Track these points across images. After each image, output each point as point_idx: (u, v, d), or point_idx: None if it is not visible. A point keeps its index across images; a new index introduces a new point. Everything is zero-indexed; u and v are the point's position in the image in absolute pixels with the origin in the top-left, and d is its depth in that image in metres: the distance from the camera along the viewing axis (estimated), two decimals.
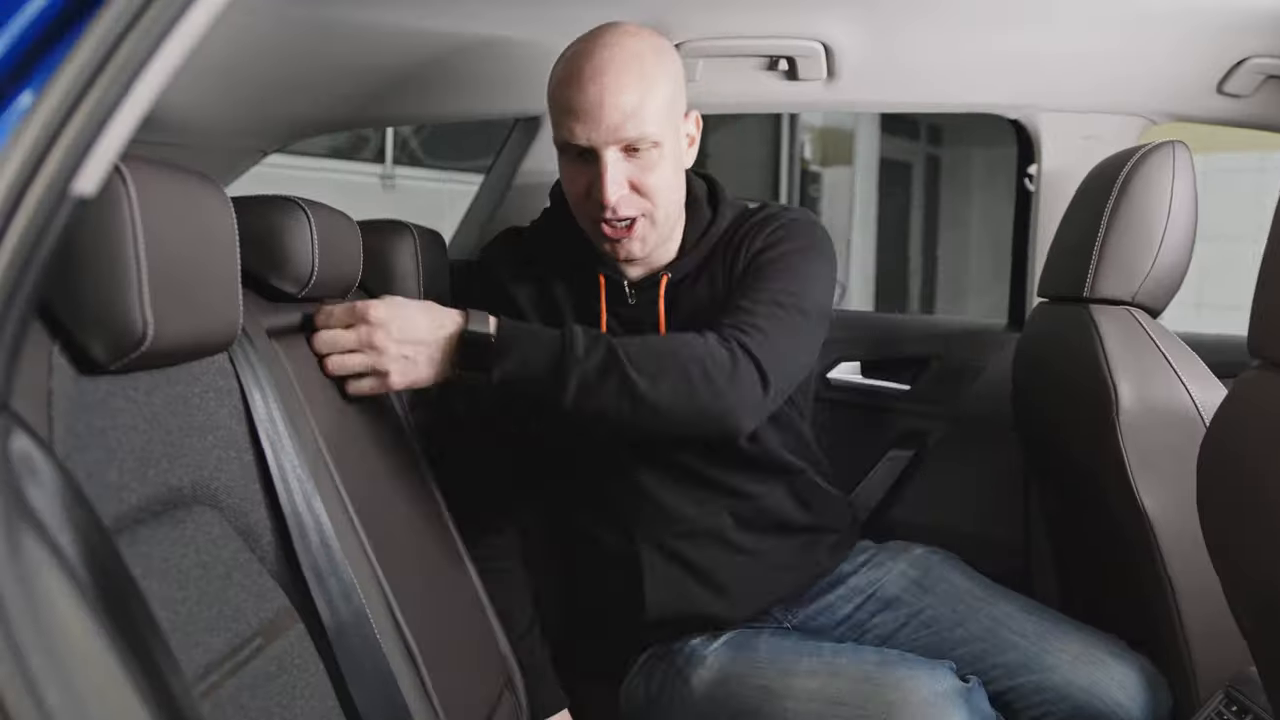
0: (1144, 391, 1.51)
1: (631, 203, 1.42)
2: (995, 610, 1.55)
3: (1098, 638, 1.52)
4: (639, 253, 1.47)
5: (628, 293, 1.53)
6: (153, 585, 0.80)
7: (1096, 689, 1.44)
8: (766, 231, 1.52)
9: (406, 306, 1.32)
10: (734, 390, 1.35)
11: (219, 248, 0.88)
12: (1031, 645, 1.49)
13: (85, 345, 0.75)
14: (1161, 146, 1.57)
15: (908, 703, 1.33)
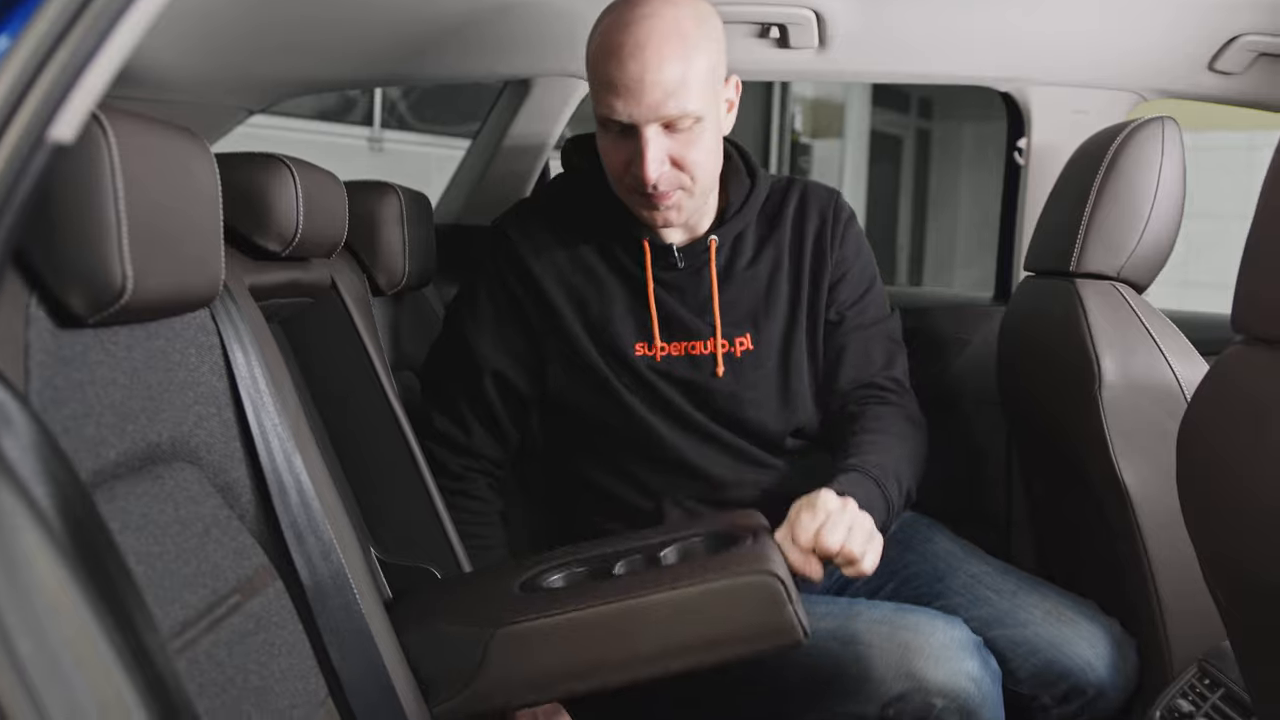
0: (1127, 367, 1.51)
1: (671, 179, 1.43)
2: (973, 569, 1.59)
3: (1070, 599, 1.54)
4: (676, 220, 1.49)
5: (676, 256, 1.54)
6: (130, 540, 0.79)
7: (1066, 645, 1.47)
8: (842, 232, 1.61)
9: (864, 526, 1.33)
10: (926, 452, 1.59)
11: (201, 202, 0.87)
12: (1005, 601, 1.52)
13: (63, 298, 0.75)
14: (1151, 122, 1.57)
15: (926, 645, 1.36)
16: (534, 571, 1.30)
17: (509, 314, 1.56)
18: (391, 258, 1.56)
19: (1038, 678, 1.47)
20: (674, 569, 1.25)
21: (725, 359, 1.54)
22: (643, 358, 1.53)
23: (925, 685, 1.34)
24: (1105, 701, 1.49)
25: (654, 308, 1.53)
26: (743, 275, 1.56)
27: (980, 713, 1.36)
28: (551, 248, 1.56)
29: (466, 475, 1.56)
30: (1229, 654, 1.40)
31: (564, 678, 1.20)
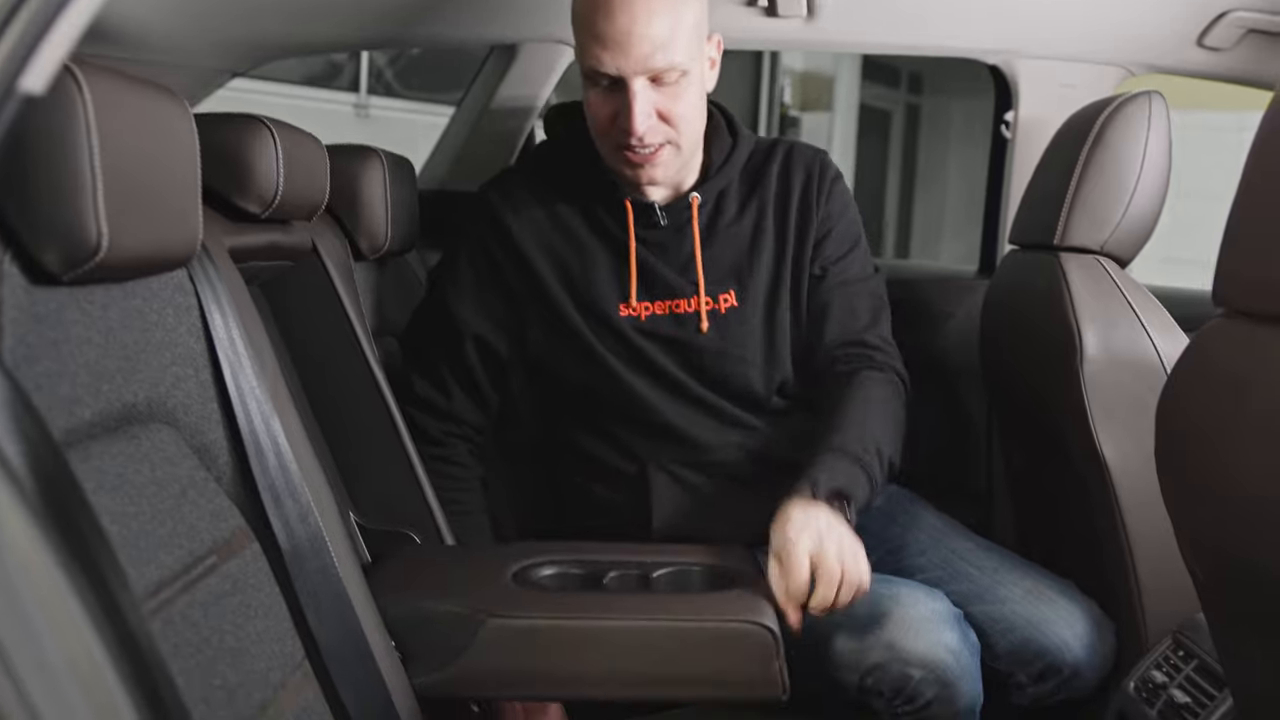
0: (1108, 340, 1.51)
1: (658, 131, 1.44)
2: (955, 544, 1.59)
3: (1050, 578, 1.55)
4: (660, 178, 1.50)
5: (659, 214, 1.54)
6: (105, 500, 0.79)
7: (1044, 624, 1.47)
8: (828, 190, 1.60)
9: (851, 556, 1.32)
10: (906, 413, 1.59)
11: (178, 159, 0.86)
12: (986, 578, 1.53)
13: (37, 254, 0.74)
14: (1138, 96, 1.57)
15: (905, 616, 1.36)
16: (527, 563, 1.31)
17: (490, 279, 1.56)
18: (374, 222, 1.55)
19: (1014, 655, 1.47)
20: (669, 600, 1.27)
21: (710, 316, 1.54)
22: (627, 318, 1.53)
23: (904, 656, 1.34)
24: (1081, 681, 1.49)
25: (634, 267, 1.53)
26: (726, 232, 1.56)
27: (958, 684, 1.36)
28: (533, 212, 1.56)
29: (447, 441, 1.56)
30: (1203, 626, 1.41)
31: (543, 681, 1.21)
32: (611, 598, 1.25)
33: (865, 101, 8.44)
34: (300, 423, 1.13)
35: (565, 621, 1.18)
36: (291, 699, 0.95)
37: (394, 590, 1.21)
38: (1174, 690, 1.38)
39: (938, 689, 1.36)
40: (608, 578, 1.29)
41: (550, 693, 1.32)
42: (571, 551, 1.34)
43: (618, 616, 1.20)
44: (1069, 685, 1.49)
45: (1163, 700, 1.39)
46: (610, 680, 1.19)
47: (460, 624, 1.17)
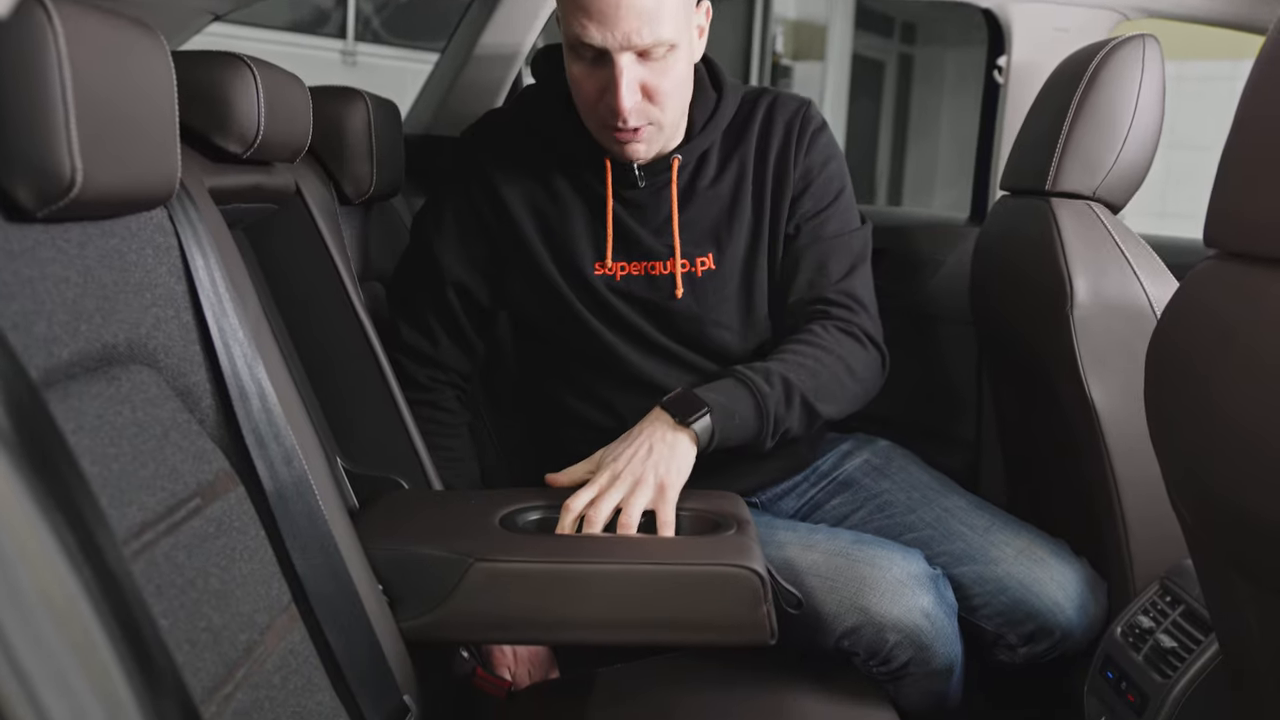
0: (1099, 286, 1.51)
1: (641, 112, 1.41)
2: (947, 502, 1.58)
3: (1042, 538, 1.54)
4: (643, 155, 1.47)
5: (637, 175, 1.51)
6: (84, 441, 0.78)
7: (1035, 585, 1.47)
8: (808, 142, 1.56)
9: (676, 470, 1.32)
10: (874, 379, 1.56)
11: (155, 94, 0.85)
12: (978, 537, 1.52)
13: (10, 189, 0.72)
14: (1132, 40, 1.55)
15: (880, 580, 1.36)
16: (514, 508, 1.30)
17: (472, 226, 1.55)
18: (358, 165, 1.53)
19: (1004, 616, 1.48)
20: (656, 543, 1.26)
21: (685, 279, 1.52)
22: (601, 276, 1.51)
23: (878, 620, 1.35)
24: (1072, 642, 1.50)
25: (610, 226, 1.50)
26: (705, 194, 1.53)
27: (934, 647, 1.37)
28: (516, 162, 1.53)
29: (434, 387, 1.56)
30: (1190, 572, 1.42)
31: (529, 625, 1.21)
32: (598, 541, 1.25)
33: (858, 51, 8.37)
34: (285, 366, 1.12)
35: (552, 565, 1.18)
36: (277, 641, 0.95)
37: (381, 534, 1.21)
38: (1160, 635, 1.39)
39: (913, 651, 1.36)
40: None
41: (537, 637, 1.33)
42: (559, 496, 1.33)
43: (605, 560, 1.19)
44: (1060, 646, 1.50)
45: (1149, 645, 1.40)
46: (597, 624, 1.19)
47: (447, 568, 1.17)
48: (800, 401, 1.44)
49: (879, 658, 1.37)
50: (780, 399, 1.42)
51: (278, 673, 0.93)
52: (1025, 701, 1.77)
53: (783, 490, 1.67)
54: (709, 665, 1.43)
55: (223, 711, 0.83)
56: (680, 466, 1.32)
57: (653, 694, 1.39)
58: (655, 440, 1.33)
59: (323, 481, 1.09)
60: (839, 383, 1.49)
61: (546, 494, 1.35)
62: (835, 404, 1.49)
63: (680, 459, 1.32)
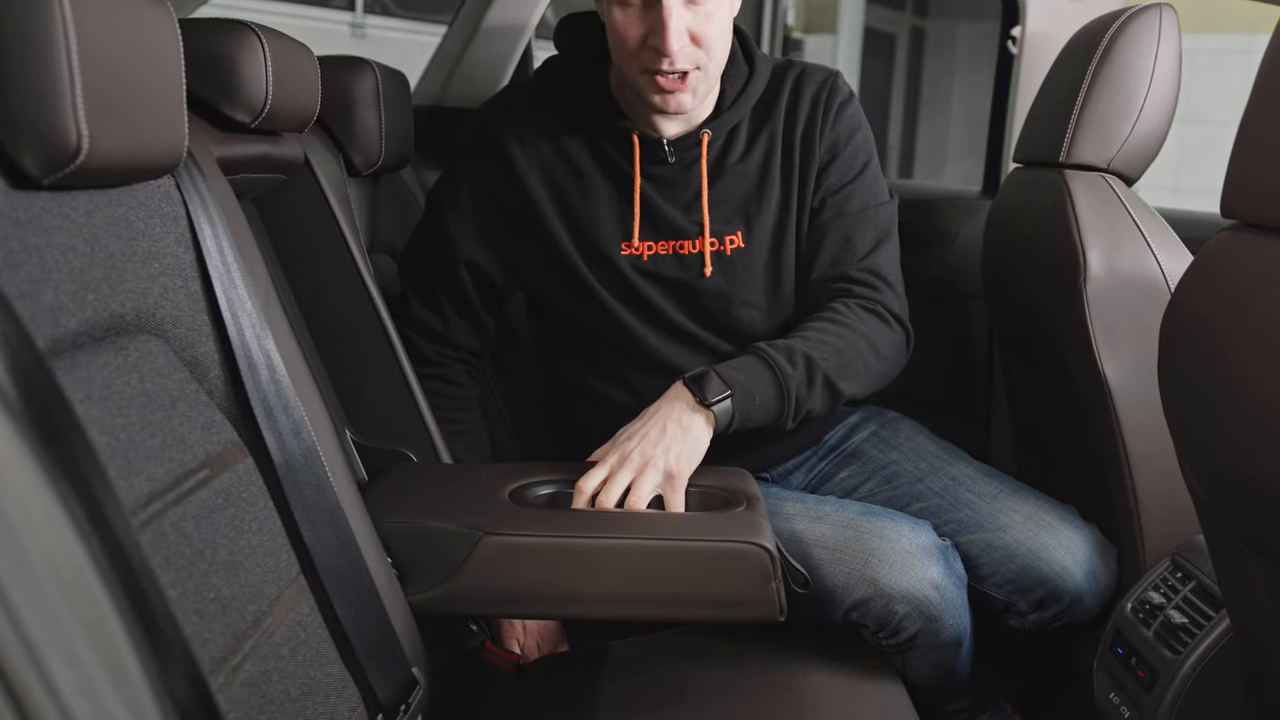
0: (1113, 259, 1.49)
1: (690, 55, 1.38)
2: (954, 470, 1.58)
3: (1050, 504, 1.54)
4: (689, 105, 1.43)
5: (667, 151, 1.49)
6: (92, 411, 0.78)
7: (1044, 552, 1.47)
8: (834, 115, 1.54)
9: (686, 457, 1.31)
10: (898, 357, 1.54)
11: (162, 61, 0.84)
12: (985, 505, 1.52)
13: (16, 156, 0.72)
14: (1148, 9, 1.53)
15: (889, 551, 1.36)
16: (524, 482, 1.30)
17: (489, 205, 1.52)
18: (367, 136, 1.52)
19: (1013, 583, 1.47)
20: (666, 519, 1.25)
21: (715, 258, 1.50)
22: (628, 257, 1.49)
23: (887, 592, 1.35)
24: (1082, 608, 1.49)
25: (638, 204, 1.48)
26: (734, 169, 1.51)
27: (943, 618, 1.37)
28: (536, 139, 1.50)
29: (443, 362, 1.55)
30: (1202, 547, 1.41)
31: (538, 599, 1.20)
32: (608, 516, 1.25)
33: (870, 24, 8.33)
34: (293, 337, 1.12)
35: (561, 539, 1.18)
36: (286, 612, 0.95)
37: (390, 507, 1.21)
38: (1171, 611, 1.38)
39: (922, 623, 1.36)
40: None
41: (546, 611, 1.33)
42: (569, 472, 1.33)
43: (614, 535, 1.19)
44: (1070, 612, 1.49)
45: (1159, 621, 1.39)
46: (606, 599, 1.19)
47: (456, 541, 1.17)
48: (823, 382, 1.42)
49: (888, 630, 1.37)
50: (803, 380, 1.40)
51: (286, 644, 0.93)
52: (1033, 677, 1.77)
53: (793, 465, 1.67)
54: (718, 639, 1.43)
55: (231, 682, 0.83)
56: (692, 453, 1.31)
57: (662, 668, 1.39)
58: (670, 422, 1.32)
59: (331, 453, 1.09)
60: (863, 361, 1.46)
61: (557, 469, 1.35)
62: (859, 383, 1.46)
63: (693, 444, 1.31)
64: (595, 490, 1.27)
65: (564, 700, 1.36)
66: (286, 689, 0.91)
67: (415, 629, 1.17)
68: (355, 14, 5.49)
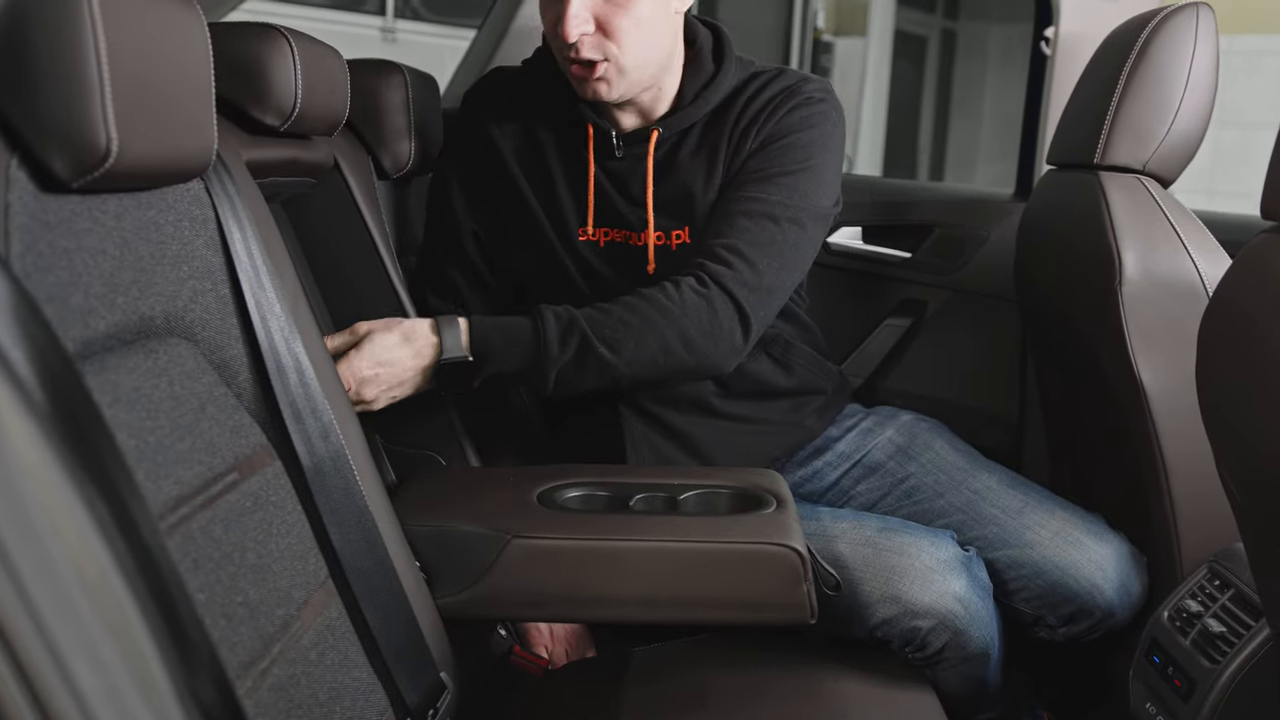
0: (1149, 262, 1.47)
1: (595, 45, 1.37)
2: (977, 483, 1.55)
3: (1078, 516, 1.51)
4: (605, 95, 1.42)
5: (615, 144, 1.49)
6: (121, 414, 0.77)
7: (1072, 569, 1.45)
8: (783, 113, 1.47)
9: (388, 345, 1.27)
10: (712, 344, 1.37)
11: (191, 63, 0.84)
12: (1011, 520, 1.49)
13: (45, 159, 0.72)
14: (1185, 8, 1.51)
15: (910, 568, 1.34)
16: (552, 485, 1.29)
17: (475, 184, 1.54)
18: (396, 139, 1.52)
19: (1042, 599, 1.46)
20: (695, 521, 1.24)
21: (659, 252, 1.49)
22: (585, 242, 1.50)
23: (911, 608, 1.33)
24: (1113, 621, 1.48)
25: (592, 192, 1.49)
26: (682, 168, 1.49)
27: (969, 630, 1.35)
28: (513, 122, 1.53)
29: None
30: (1240, 555, 1.39)
31: (566, 602, 1.20)
32: (637, 519, 1.24)
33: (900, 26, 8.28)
34: (321, 340, 1.12)
35: (590, 542, 1.17)
36: (314, 616, 0.95)
37: (418, 510, 1.20)
38: (1209, 620, 1.36)
39: (949, 636, 1.35)
40: (634, 500, 1.28)
41: (573, 614, 1.32)
42: (598, 474, 1.32)
43: (643, 538, 1.18)
44: (1101, 625, 1.48)
45: (1197, 629, 1.37)
46: (635, 602, 1.18)
47: (484, 544, 1.17)
48: (597, 369, 1.33)
49: (914, 645, 1.36)
50: (570, 361, 1.33)
51: (314, 648, 0.93)
52: (1069, 685, 1.75)
53: (803, 477, 1.64)
54: (746, 645, 1.42)
55: (259, 687, 0.83)
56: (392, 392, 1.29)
57: (688, 674, 1.39)
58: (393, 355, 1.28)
59: (360, 457, 1.08)
60: (663, 351, 1.35)
61: (586, 471, 1.34)
62: (641, 356, 1.34)
63: (399, 386, 1.29)
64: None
65: (591, 705, 1.35)
66: (314, 693, 0.91)
67: (443, 633, 1.16)
68: (386, 18, 5.52)
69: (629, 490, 1.29)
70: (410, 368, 1.29)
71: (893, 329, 2.12)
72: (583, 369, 1.33)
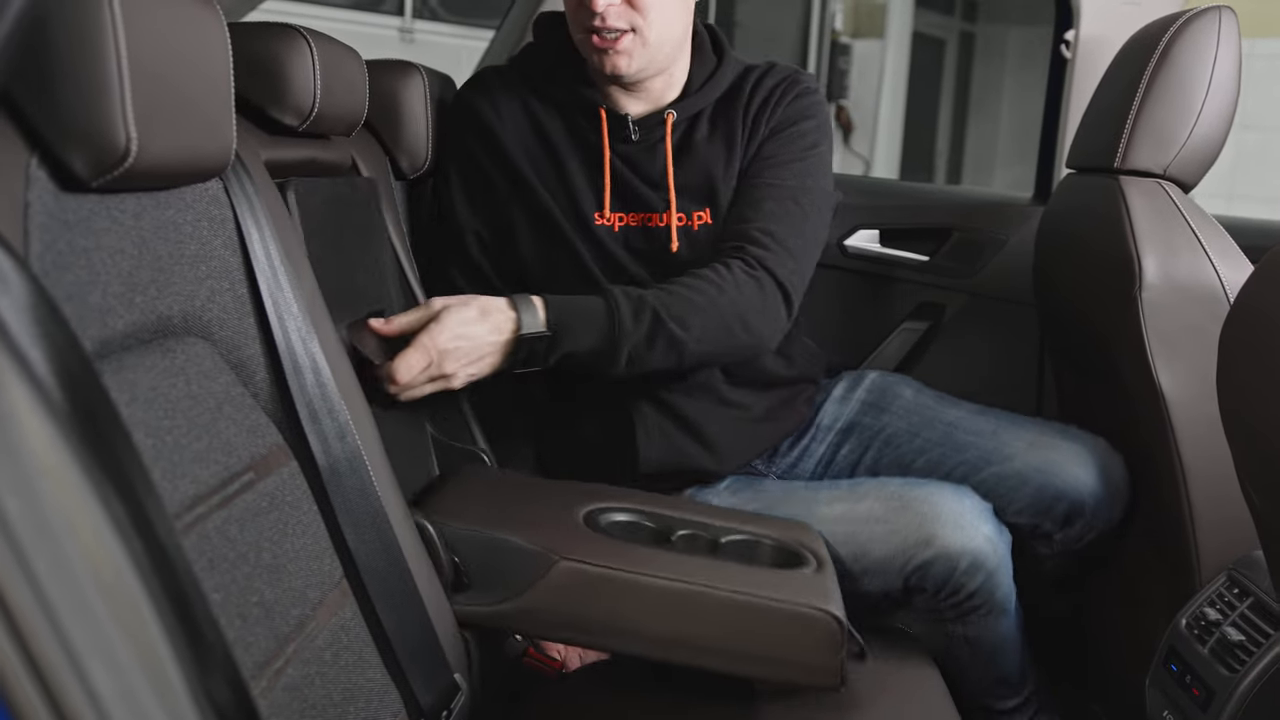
0: (1169, 267, 1.47)
1: (622, 14, 1.41)
2: (949, 416, 1.62)
3: (1048, 425, 1.59)
4: (625, 68, 1.45)
5: (631, 128, 1.52)
6: (138, 413, 0.78)
7: (1052, 468, 1.51)
8: (789, 100, 1.54)
9: (465, 319, 1.30)
10: (765, 324, 1.46)
11: (210, 63, 0.84)
12: (986, 441, 1.56)
13: (65, 158, 0.72)
14: (1207, 11, 1.51)
15: (940, 514, 1.40)
16: (598, 505, 1.29)
17: (476, 181, 1.55)
18: (414, 140, 1.52)
19: (1034, 506, 1.51)
20: (739, 570, 1.24)
21: (681, 233, 1.52)
22: (601, 226, 1.51)
23: (947, 549, 1.38)
24: (1103, 517, 1.53)
25: (608, 176, 1.51)
26: (699, 152, 1.54)
27: (998, 573, 1.41)
28: (514, 113, 1.54)
29: None
30: (1260, 563, 1.38)
31: (602, 630, 1.20)
32: (684, 559, 1.24)
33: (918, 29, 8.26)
34: (338, 341, 1.12)
35: (635, 576, 1.17)
36: (329, 616, 0.95)
37: (464, 513, 1.20)
38: (1228, 628, 1.35)
39: (982, 578, 1.40)
40: (676, 535, 1.27)
41: (606, 644, 1.30)
42: (642, 501, 1.32)
43: (689, 580, 1.18)
44: (1093, 523, 1.53)
45: (1215, 638, 1.36)
46: (670, 641, 1.18)
47: (532, 561, 1.16)
48: (667, 345, 1.38)
49: (948, 588, 1.40)
50: (642, 339, 1.37)
51: (329, 649, 0.93)
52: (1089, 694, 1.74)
53: (795, 458, 1.69)
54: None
55: (273, 687, 0.83)
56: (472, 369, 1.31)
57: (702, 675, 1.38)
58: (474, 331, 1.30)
59: (375, 457, 1.08)
60: (725, 331, 1.42)
61: (630, 496, 1.34)
62: (707, 336, 1.40)
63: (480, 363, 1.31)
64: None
65: (605, 707, 1.35)
66: (329, 694, 0.91)
67: (458, 634, 1.16)
68: (404, 19, 5.53)
69: (671, 524, 1.30)
70: (489, 342, 1.31)
71: (910, 332, 2.12)
72: (654, 345, 1.37)
